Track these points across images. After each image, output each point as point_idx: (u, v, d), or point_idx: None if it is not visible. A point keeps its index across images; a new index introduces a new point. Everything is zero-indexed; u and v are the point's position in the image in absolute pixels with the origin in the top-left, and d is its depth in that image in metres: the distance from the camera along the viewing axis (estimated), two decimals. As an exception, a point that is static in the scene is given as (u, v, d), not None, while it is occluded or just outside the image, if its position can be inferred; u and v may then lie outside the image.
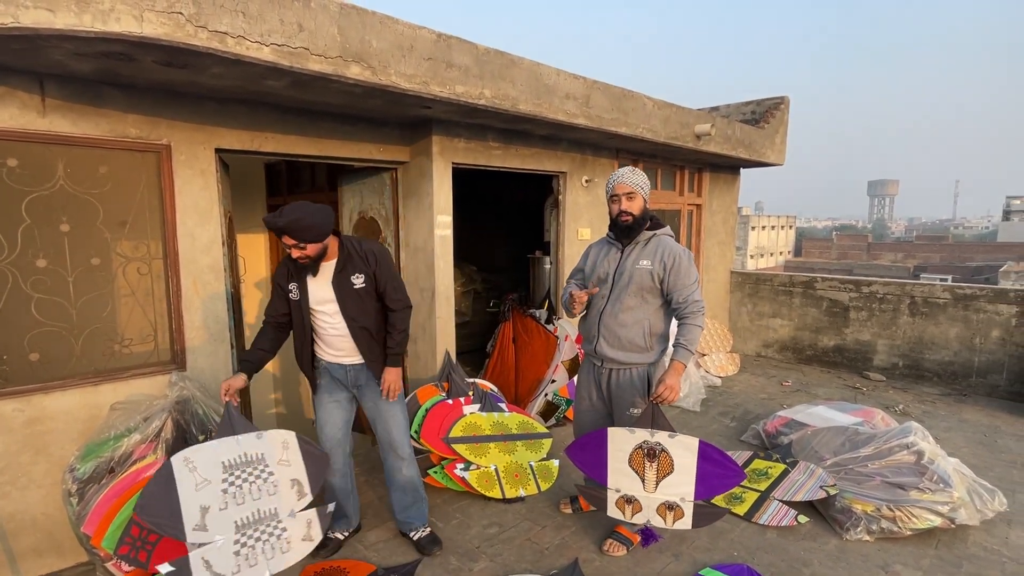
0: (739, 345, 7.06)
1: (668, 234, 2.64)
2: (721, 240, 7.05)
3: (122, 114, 2.71)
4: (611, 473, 2.50)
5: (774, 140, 6.51)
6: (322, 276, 2.47)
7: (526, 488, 3.28)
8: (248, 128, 3.12)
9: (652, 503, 2.47)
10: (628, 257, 2.61)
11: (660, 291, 2.55)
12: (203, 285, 3.03)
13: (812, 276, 6.57)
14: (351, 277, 2.46)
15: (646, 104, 4.51)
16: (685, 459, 2.39)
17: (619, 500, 2.52)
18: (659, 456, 2.40)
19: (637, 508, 2.50)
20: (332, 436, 2.57)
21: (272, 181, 5.70)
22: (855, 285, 6.16)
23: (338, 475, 2.62)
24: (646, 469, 2.44)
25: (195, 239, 2.99)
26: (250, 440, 2.30)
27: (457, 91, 3.07)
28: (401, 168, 4.01)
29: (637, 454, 2.43)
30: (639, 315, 2.57)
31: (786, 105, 6.75)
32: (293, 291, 2.47)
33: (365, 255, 2.50)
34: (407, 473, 2.64)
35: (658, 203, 5.96)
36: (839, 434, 3.53)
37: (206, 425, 2.71)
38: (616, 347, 2.60)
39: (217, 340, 3.11)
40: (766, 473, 3.40)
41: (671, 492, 2.44)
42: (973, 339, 5.45)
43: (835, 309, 6.28)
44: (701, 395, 5.04)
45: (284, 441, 2.39)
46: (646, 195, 2.57)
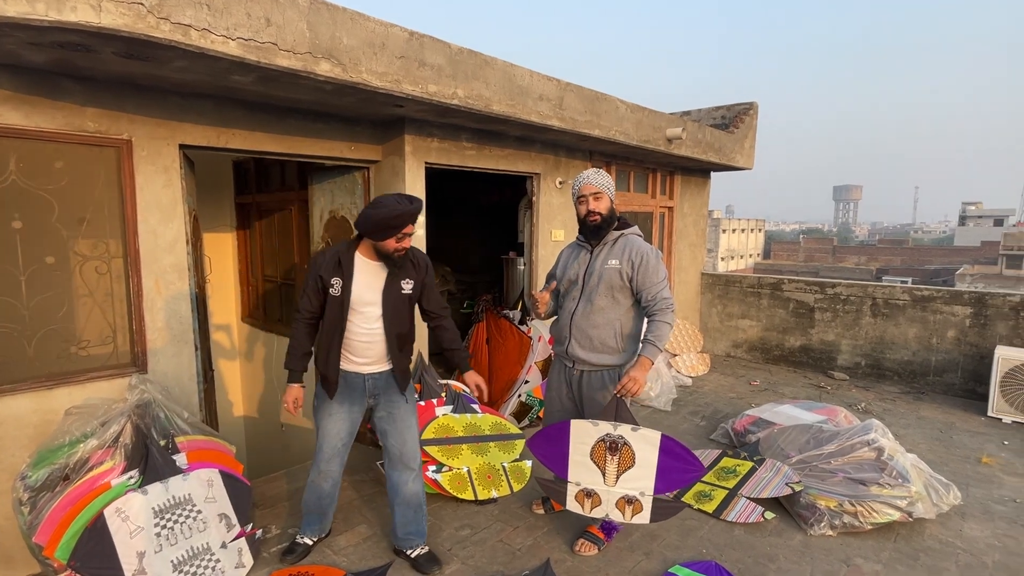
0: (709, 345, 7.19)
1: (636, 234, 2.66)
2: (692, 242, 7.17)
3: (79, 107, 2.62)
4: (572, 466, 2.51)
5: (743, 144, 6.65)
6: (373, 275, 2.33)
7: (498, 489, 3.28)
8: (214, 124, 3.05)
9: (612, 497, 2.49)
10: (597, 258, 2.63)
11: (630, 290, 2.56)
12: (166, 285, 2.95)
13: (780, 278, 6.72)
14: (402, 281, 2.37)
15: (619, 107, 4.56)
16: (647, 453, 2.41)
17: (579, 493, 2.53)
18: (621, 450, 2.42)
19: (596, 502, 2.51)
20: (333, 447, 2.48)
21: (240, 179, 5.59)
22: (820, 287, 6.33)
23: (329, 482, 2.55)
24: (607, 462, 2.45)
25: (158, 237, 2.90)
26: (176, 482, 2.45)
27: (430, 90, 3.05)
28: (373, 167, 3.96)
29: (599, 447, 2.45)
30: (610, 316, 2.58)
31: (755, 110, 6.91)
32: (335, 286, 2.30)
33: (417, 261, 2.43)
34: (414, 487, 2.54)
35: (630, 205, 6.03)
36: (804, 432, 3.61)
37: (168, 430, 2.64)
38: (587, 348, 2.61)
39: (180, 342, 3.02)
40: (734, 471, 3.46)
41: (631, 486, 2.45)
42: (931, 339, 5.66)
43: (801, 310, 6.44)
44: (672, 395, 5.11)
45: (208, 479, 2.53)
46: (612, 195, 2.61)
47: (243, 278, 5.78)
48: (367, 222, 2.23)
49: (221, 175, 5.59)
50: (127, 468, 2.44)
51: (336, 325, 2.34)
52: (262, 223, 5.41)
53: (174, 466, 2.53)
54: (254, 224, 5.50)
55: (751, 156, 6.89)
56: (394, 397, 2.48)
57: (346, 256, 2.32)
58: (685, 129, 5.23)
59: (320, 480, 2.54)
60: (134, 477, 2.43)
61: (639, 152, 5.31)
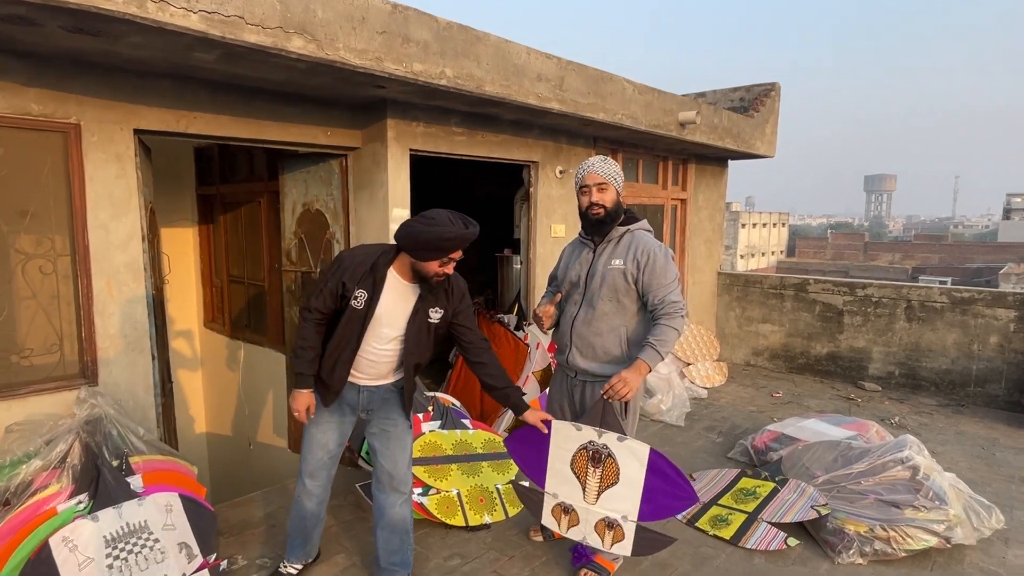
0: (727, 353, 7.21)
1: (645, 229, 2.65)
2: (708, 238, 7.19)
3: (21, 87, 2.61)
4: (550, 474, 2.48)
5: (764, 130, 6.68)
6: (401, 295, 2.31)
7: (492, 514, 3.28)
8: (173, 106, 3.05)
9: (591, 517, 2.45)
10: (600, 257, 2.61)
11: (636, 293, 2.55)
12: (119, 286, 2.94)
13: (805, 278, 6.76)
14: (431, 308, 2.35)
15: (626, 88, 4.57)
16: (632, 469, 2.36)
17: (556, 508, 2.51)
18: (604, 462, 2.37)
19: (574, 520, 2.47)
20: (320, 458, 2.49)
21: (203, 168, 5.57)
22: (849, 288, 6.36)
23: (314, 500, 2.55)
24: (588, 475, 2.41)
25: (109, 233, 2.90)
26: (131, 508, 2.44)
27: (415, 69, 3.06)
28: (352, 155, 3.96)
29: (581, 456, 2.42)
30: (615, 322, 2.57)
31: (777, 92, 6.94)
32: (359, 299, 2.26)
33: (453, 289, 2.42)
34: (402, 511, 2.55)
35: (639, 197, 6.04)
36: (831, 449, 3.63)
37: (121, 449, 2.63)
38: (590, 357, 2.60)
39: (135, 350, 3.01)
40: (754, 493, 3.48)
41: (612, 507, 2.41)
42: (971, 346, 5.70)
43: (829, 314, 6.47)
44: (685, 408, 5.12)
45: (167, 504, 2.52)
46: (619, 186, 2.58)
47: (206, 279, 5.76)
48: (412, 238, 2.20)
49: (181, 164, 5.58)
50: (75, 492, 2.43)
51: (350, 340, 2.31)
52: (227, 217, 5.39)
53: (128, 490, 2.52)
54: (218, 218, 5.49)
55: (773, 142, 6.92)
56: (392, 415, 2.49)
57: (380, 268, 2.28)
58: (699, 112, 5.25)
59: (304, 498, 2.55)
60: (83, 502, 2.42)
61: (648, 138, 5.33)
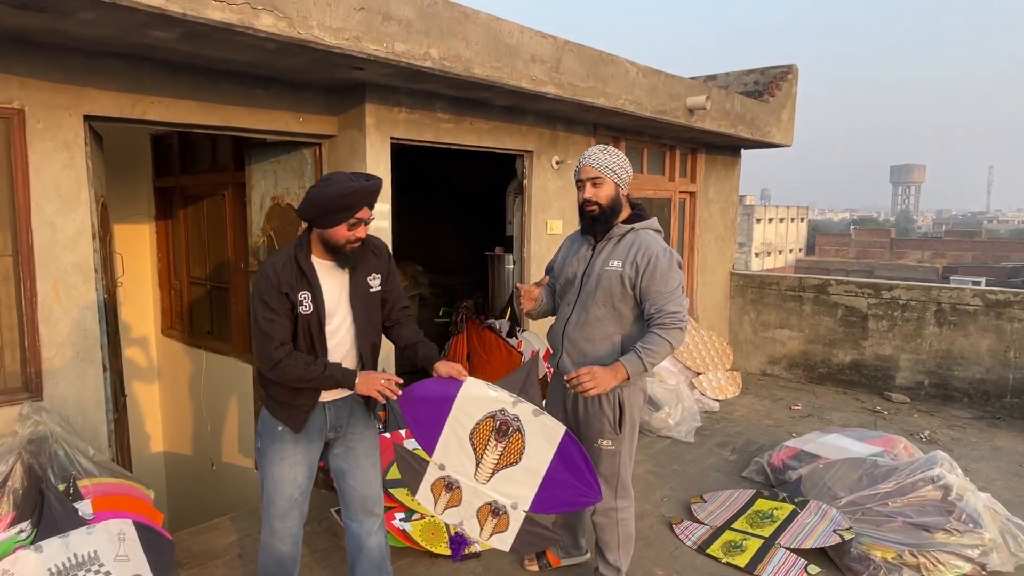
0: (741, 361, 7.24)
1: (653, 229, 2.65)
2: (719, 235, 7.22)
3: (-42, 69, 2.60)
4: (443, 441, 2.35)
5: (780, 116, 6.73)
6: (336, 279, 2.28)
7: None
8: (128, 90, 3.04)
9: (476, 499, 2.37)
10: (599, 256, 2.61)
11: (634, 299, 2.54)
12: (67, 290, 2.92)
13: (826, 279, 6.80)
14: (368, 277, 2.32)
15: (629, 71, 4.59)
16: (539, 450, 2.29)
17: (439, 482, 2.39)
18: (511, 436, 2.30)
19: (455, 500, 2.38)
20: (290, 496, 2.39)
21: (161, 158, 5.55)
22: (874, 289, 6.41)
23: (288, 542, 2.44)
24: (488, 448, 2.33)
25: (56, 231, 2.88)
26: (80, 537, 2.41)
27: (397, 50, 3.06)
28: (327, 143, 3.96)
29: (485, 424, 2.31)
30: (609, 329, 2.57)
31: (794, 75, 6.99)
32: (304, 302, 2.20)
33: (378, 249, 2.40)
34: (378, 538, 2.51)
35: (644, 190, 6.07)
36: (856, 467, 3.65)
37: (68, 471, 2.61)
38: (580, 365, 2.54)
39: (85, 360, 3.00)
40: (771, 516, 3.50)
41: (505, 490, 2.35)
42: (1007, 352, 5.75)
43: (852, 318, 6.52)
44: (695, 423, 5.14)
45: (120, 532, 2.49)
46: (620, 180, 2.56)
47: (163, 281, 5.74)
48: (314, 206, 2.17)
49: (137, 153, 5.55)
50: (16, 519, 2.41)
51: (312, 350, 2.26)
52: (188, 212, 5.37)
53: (76, 516, 2.50)
54: (178, 213, 5.47)
55: (790, 130, 6.96)
56: (357, 428, 2.45)
57: (304, 260, 2.25)
58: (709, 97, 5.28)
59: (276, 542, 2.42)
60: (25, 531, 2.40)
61: (654, 125, 5.35)
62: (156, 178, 5.60)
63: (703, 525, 3.55)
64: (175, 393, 5.66)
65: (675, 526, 3.56)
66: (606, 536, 2.76)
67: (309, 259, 2.26)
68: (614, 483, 2.68)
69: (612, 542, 2.75)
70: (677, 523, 3.59)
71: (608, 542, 2.76)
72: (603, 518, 2.73)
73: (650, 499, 3.92)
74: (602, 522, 2.74)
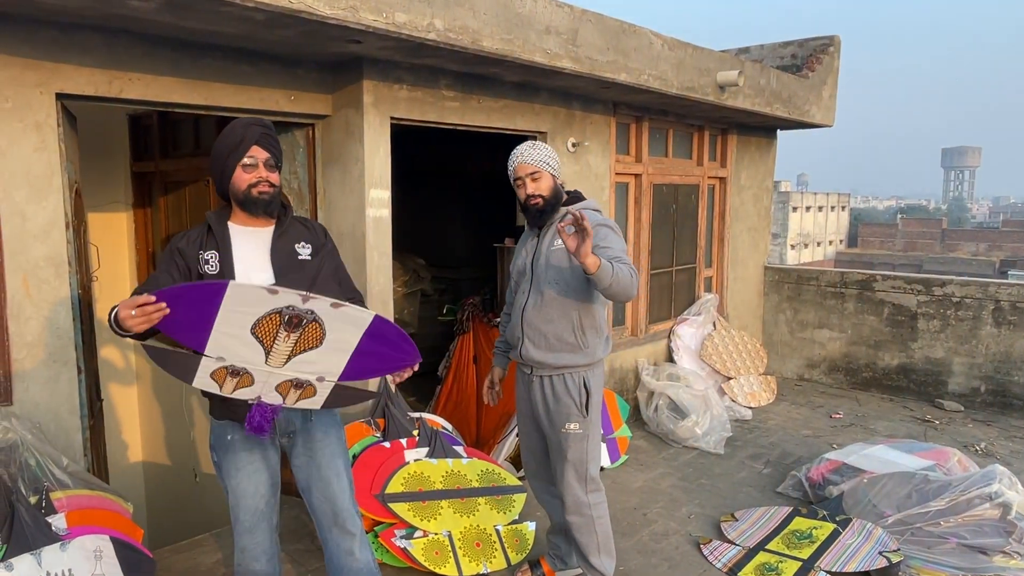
0: (776, 365, 7.21)
1: (592, 208, 2.88)
2: (752, 225, 7.18)
3: (-81, 43, 2.61)
4: (215, 339, 2.16)
5: (821, 93, 6.67)
6: (255, 242, 2.34)
7: (491, 562, 3.29)
8: (104, 66, 3.04)
9: (272, 380, 2.26)
10: (543, 240, 2.87)
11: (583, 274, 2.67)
12: (38, 284, 2.94)
13: (870, 273, 6.75)
14: (295, 245, 2.38)
15: (653, 43, 4.57)
16: (344, 335, 2.19)
17: (219, 371, 2.23)
18: (305, 327, 2.17)
19: (246, 382, 2.25)
20: (255, 509, 2.38)
21: (139, 140, 5.57)
22: (925, 286, 6.36)
23: (262, 559, 2.42)
24: (278, 340, 2.18)
25: (26, 220, 2.90)
26: (53, 554, 2.42)
27: (398, 20, 3.05)
28: (320, 124, 3.96)
29: (270, 320, 2.14)
30: (565, 306, 2.79)
31: (837, 47, 6.92)
32: (211, 262, 2.26)
33: (311, 225, 2.51)
34: (362, 556, 2.46)
35: (668, 176, 6.04)
36: (904, 483, 3.63)
37: (40, 482, 2.63)
38: (543, 347, 2.82)
39: (58, 361, 3.02)
40: (810, 536, 3.48)
41: (307, 370, 2.25)
42: (1073, 356, 5.69)
43: (900, 317, 6.47)
44: (726, 432, 5.13)
45: (96, 549, 2.51)
46: (555, 170, 2.83)
47: (143, 273, 5.77)
48: (212, 159, 2.31)
49: (113, 135, 5.58)
50: (-14, 534, 2.43)
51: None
52: (168, 199, 5.39)
53: (49, 532, 2.51)
54: (158, 200, 5.49)
55: (831, 109, 6.90)
56: (317, 432, 2.43)
57: (217, 223, 2.34)
58: (742, 72, 5.24)
59: (249, 561, 2.41)
60: (-5, 547, 2.42)
61: (680, 103, 5.32)
62: (134, 163, 5.61)
63: (734, 546, 3.53)
64: (155, 398, 5.70)
65: (703, 546, 3.55)
66: (584, 538, 2.88)
67: (224, 222, 2.35)
68: (583, 472, 2.85)
69: (591, 544, 2.88)
70: (705, 543, 3.58)
71: (587, 545, 2.88)
72: (577, 517, 2.86)
73: (675, 516, 3.91)
74: (577, 522, 2.87)
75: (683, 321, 6.26)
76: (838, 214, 54.98)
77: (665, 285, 6.26)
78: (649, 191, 5.82)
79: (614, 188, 5.46)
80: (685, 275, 6.48)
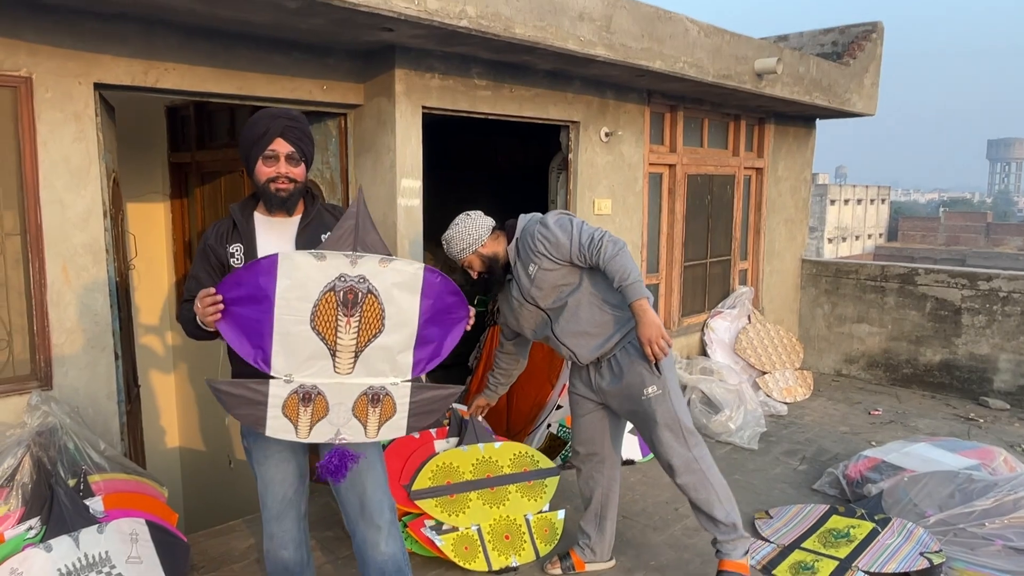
0: (812, 360, 7.10)
1: (522, 227, 2.93)
2: (789, 217, 7.06)
3: (-36, 34, 2.67)
4: (278, 344, 1.97)
5: (863, 81, 6.52)
6: (281, 234, 2.31)
7: (519, 554, 3.27)
8: (141, 56, 3.09)
9: (347, 396, 2.04)
10: (519, 280, 2.91)
11: (570, 265, 2.82)
12: (77, 271, 3.00)
13: (912, 267, 6.60)
14: (321, 236, 2.30)
15: (689, 30, 4.49)
16: (402, 306, 2.01)
17: (291, 400, 2.03)
18: (363, 304, 1.97)
19: (320, 411, 2.04)
20: (282, 496, 2.38)
21: (176, 131, 5.65)
22: (970, 280, 6.20)
23: (290, 547, 2.42)
24: (340, 330, 1.97)
25: (66, 208, 2.95)
26: (90, 536, 2.48)
27: (430, 7, 3.04)
28: (352, 113, 3.97)
29: (327, 304, 1.96)
30: (580, 304, 2.86)
31: (880, 34, 6.75)
32: (236, 255, 2.26)
33: (340, 213, 2.42)
34: (387, 549, 2.41)
35: (703, 166, 5.95)
36: (947, 482, 3.55)
37: (79, 465, 2.68)
38: (593, 343, 2.89)
39: (96, 347, 3.07)
40: (847, 535, 3.42)
41: (377, 368, 2.05)
42: None
43: (943, 312, 6.32)
44: (760, 427, 5.06)
45: (132, 532, 2.55)
46: (474, 247, 2.88)
47: (179, 262, 5.86)
48: (239, 148, 2.30)
49: (151, 126, 5.67)
50: (25, 515, 2.48)
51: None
52: (204, 189, 5.47)
53: (87, 514, 2.57)
54: (194, 191, 5.57)
55: (873, 97, 6.74)
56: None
57: (242, 215, 2.32)
58: (781, 60, 5.13)
59: (276, 548, 2.41)
60: (34, 528, 2.48)
61: (716, 92, 5.24)
62: (171, 153, 5.70)
63: (769, 543, 3.48)
64: (192, 384, 5.80)
65: (736, 542, 3.50)
66: (702, 494, 2.82)
67: (250, 213, 2.33)
68: (679, 431, 2.80)
69: (712, 498, 2.81)
70: (739, 539, 3.53)
71: (708, 500, 2.81)
72: (688, 475, 2.81)
73: (708, 512, 3.85)
74: (690, 481, 2.81)
75: (717, 314, 6.18)
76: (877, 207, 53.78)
77: (699, 277, 6.18)
78: (683, 182, 5.74)
79: (647, 178, 5.40)
80: (719, 267, 6.39)
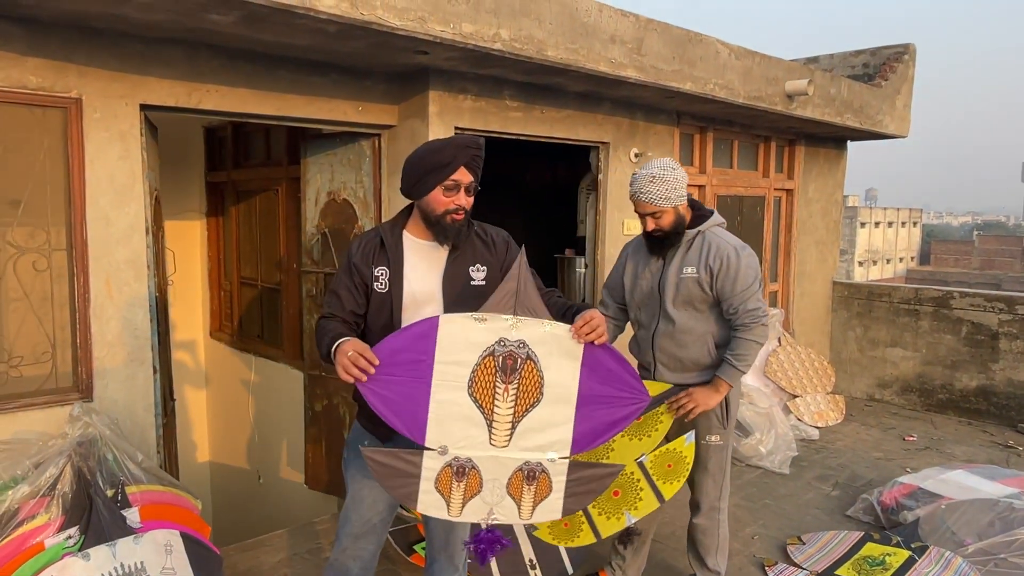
0: (844, 384, 6.98)
1: (718, 224, 2.85)
2: (820, 239, 6.99)
3: (19, 57, 2.77)
4: (434, 414, 1.88)
5: (894, 103, 6.46)
6: (428, 259, 2.19)
7: (635, 507, 2.65)
8: (184, 78, 3.17)
9: (502, 472, 1.93)
10: (671, 265, 2.82)
11: (715, 299, 2.79)
12: (119, 286, 3.07)
13: (947, 290, 6.48)
14: (469, 268, 2.20)
15: (720, 52, 4.50)
16: (562, 373, 1.91)
17: (443, 473, 1.92)
18: (521, 369, 1.89)
19: (473, 486, 1.93)
20: (367, 520, 2.29)
21: (213, 151, 5.78)
22: (1007, 304, 6.07)
23: (359, 564, 2.33)
24: (498, 397, 1.88)
25: (110, 224, 3.03)
26: (127, 546, 2.51)
27: (464, 31, 3.09)
28: (387, 134, 4.03)
29: (485, 368, 1.88)
30: (698, 331, 2.81)
31: (912, 55, 6.70)
32: (380, 279, 2.15)
33: (493, 240, 2.29)
34: None
35: (733, 187, 5.93)
36: (986, 510, 3.48)
37: (117, 476, 2.72)
38: (678, 370, 2.86)
39: (135, 361, 3.13)
40: (883, 563, 3.34)
41: (533, 443, 1.93)
42: None
43: (979, 336, 6.19)
44: (791, 452, 4.97)
45: (167, 544, 2.59)
46: (677, 202, 2.71)
47: (214, 280, 5.97)
48: (407, 173, 2.15)
49: (189, 145, 5.81)
50: (65, 524, 2.52)
51: (385, 335, 2.08)
52: (240, 208, 5.58)
53: (124, 524, 2.60)
54: (229, 209, 5.68)
55: (905, 119, 6.67)
56: None
57: (391, 235, 2.19)
58: (812, 81, 5.11)
59: (346, 559, 2.33)
60: (73, 537, 2.51)
61: (746, 114, 5.23)
62: (208, 172, 5.83)
63: (801, 570, 3.41)
64: (223, 400, 5.87)
65: (768, 569, 3.44)
66: (708, 539, 2.91)
67: (399, 233, 2.20)
68: (720, 480, 2.88)
69: (712, 546, 2.92)
70: (770, 566, 3.46)
71: (708, 546, 2.92)
72: (707, 521, 2.90)
73: (738, 536, 3.79)
74: (705, 525, 2.90)
75: (746, 336, 6.11)
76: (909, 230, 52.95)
77: (728, 299, 6.12)
78: (713, 202, 5.71)
79: (677, 199, 5.38)
80: (749, 289, 6.33)
